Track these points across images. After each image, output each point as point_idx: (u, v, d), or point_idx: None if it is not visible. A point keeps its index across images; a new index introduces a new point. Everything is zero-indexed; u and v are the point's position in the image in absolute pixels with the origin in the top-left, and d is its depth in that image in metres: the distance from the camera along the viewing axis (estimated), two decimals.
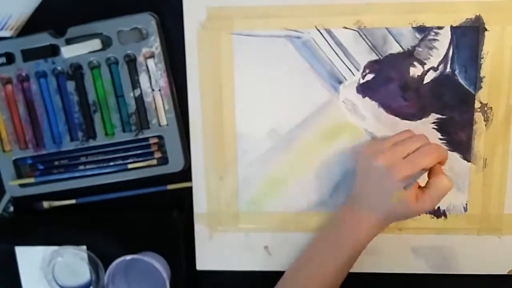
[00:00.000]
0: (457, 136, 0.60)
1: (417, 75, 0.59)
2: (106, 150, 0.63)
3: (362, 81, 0.60)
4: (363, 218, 0.56)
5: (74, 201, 0.65)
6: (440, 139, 0.60)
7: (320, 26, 0.59)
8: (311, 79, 0.60)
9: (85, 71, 0.62)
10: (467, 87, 0.59)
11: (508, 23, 0.57)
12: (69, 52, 0.61)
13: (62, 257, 0.64)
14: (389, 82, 0.60)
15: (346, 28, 0.59)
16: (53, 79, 0.62)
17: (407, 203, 0.53)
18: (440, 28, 0.58)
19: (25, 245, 0.65)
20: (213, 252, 0.64)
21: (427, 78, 0.59)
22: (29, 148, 0.63)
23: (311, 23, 0.59)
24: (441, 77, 0.59)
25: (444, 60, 0.59)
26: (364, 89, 0.60)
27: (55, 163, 0.64)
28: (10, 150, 0.64)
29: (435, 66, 0.59)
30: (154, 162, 0.62)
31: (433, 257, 0.62)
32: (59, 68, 0.62)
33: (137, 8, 0.60)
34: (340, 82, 0.60)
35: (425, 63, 0.59)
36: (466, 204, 0.61)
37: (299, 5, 0.59)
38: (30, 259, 0.65)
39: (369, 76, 0.60)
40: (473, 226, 0.61)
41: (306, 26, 0.59)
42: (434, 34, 0.58)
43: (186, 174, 0.63)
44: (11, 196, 0.66)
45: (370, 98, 0.60)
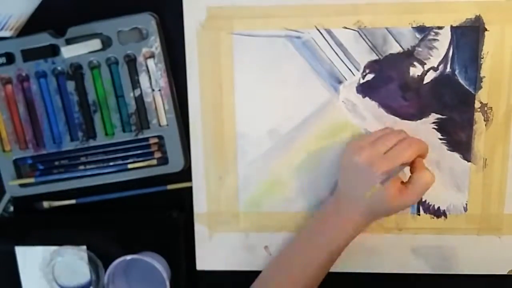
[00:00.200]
0: (457, 136, 0.60)
1: (417, 75, 0.59)
2: (106, 150, 0.63)
3: (362, 81, 0.60)
4: (344, 216, 0.56)
5: (74, 201, 0.65)
6: (440, 139, 0.60)
7: (320, 26, 0.59)
8: (311, 79, 0.60)
9: (85, 71, 0.62)
10: (467, 87, 0.59)
11: (508, 23, 0.57)
12: (69, 52, 0.61)
13: (62, 257, 0.64)
14: (389, 82, 0.60)
15: (346, 28, 0.59)
16: (53, 79, 0.62)
17: (388, 198, 0.53)
18: (440, 28, 0.58)
19: (25, 245, 0.65)
20: (213, 252, 0.64)
21: (427, 78, 0.59)
22: (29, 148, 0.63)
23: (311, 23, 0.59)
24: (441, 77, 0.59)
25: (444, 60, 0.59)
26: (364, 89, 0.60)
27: (55, 163, 0.64)
28: (10, 150, 0.64)
29: (435, 66, 0.59)
30: (154, 162, 0.62)
31: (433, 257, 0.62)
32: (59, 68, 0.62)
33: (137, 8, 0.60)
34: (340, 82, 0.60)
35: (425, 63, 0.59)
36: (466, 204, 0.61)
37: (299, 5, 0.59)
38: (30, 259, 0.65)
39: (369, 76, 0.60)
40: (473, 226, 0.61)
41: (306, 26, 0.59)
42: (434, 34, 0.58)
43: (186, 174, 0.63)
44: (11, 196, 0.66)
45: (370, 98, 0.60)
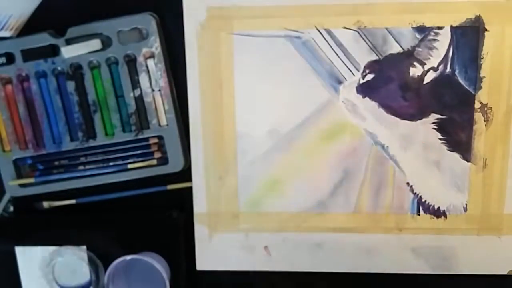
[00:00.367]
0: (457, 136, 0.60)
1: (417, 75, 0.59)
2: (106, 150, 0.63)
3: (362, 81, 0.60)
4: None
5: (74, 201, 0.65)
6: (440, 139, 0.60)
7: (320, 26, 0.59)
8: (311, 79, 0.60)
9: (85, 71, 0.62)
10: (467, 87, 0.59)
11: (508, 23, 0.57)
12: (69, 52, 0.61)
13: (62, 257, 0.64)
14: (389, 82, 0.60)
15: (346, 28, 0.59)
16: (53, 79, 0.62)
17: None
18: (440, 28, 0.58)
19: (25, 245, 0.65)
20: (213, 252, 0.64)
21: (427, 78, 0.59)
22: (29, 148, 0.63)
23: (311, 23, 0.59)
24: (441, 77, 0.59)
25: (444, 60, 0.59)
26: (364, 89, 0.60)
27: (55, 163, 0.64)
28: (10, 150, 0.64)
29: (435, 66, 0.59)
30: (154, 162, 0.62)
31: (433, 257, 0.62)
32: (59, 68, 0.62)
33: (137, 8, 0.60)
34: (340, 82, 0.60)
35: (425, 63, 0.59)
36: (466, 204, 0.61)
37: (299, 5, 0.59)
38: (30, 259, 0.65)
39: (369, 76, 0.60)
40: (473, 226, 0.61)
41: (306, 26, 0.59)
42: (434, 34, 0.58)
43: (186, 174, 0.63)
44: (11, 196, 0.66)
45: (370, 98, 0.60)
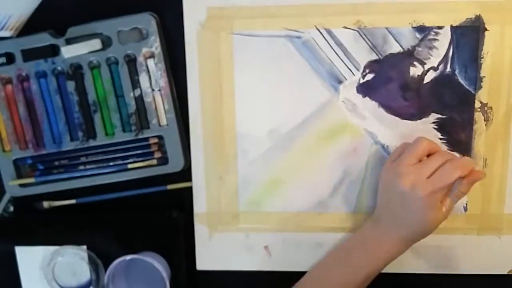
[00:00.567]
0: (457, 136, 0.60)
1: (417, 75, 0.59)
2: (106, 150, 0.63)
3: (362, 81, 0.60)
4: (384, 240, 0.56)
5: (74, 201, 0.65)
6: (440, 139, 0.60)
7: (320, 26, 0.59)
8: (311, 79, 0.60)
9: (85, 71, 0.62)
10: (467, 87, 0.59)
11: (508, 23, 0.57)
12: (69, 52, 0.61)
13: (62, 257, 0.64)
14: (389, 82, 0.60)
15: (346, 28, 0.59)
16: (53, 79, 0.62)
17: (430, 219, 0.54)
18: (440, 28, 0.58)
19: (25, 245, 0.65)
20: (213, 252, 0.64)
21: (427, 78, 0.59)
22: (29, 148, 0.63)
23: (311, 23, 0.59)
24: (441, 77, 0.59)
25: (444, 60, 0.59)
26: (364, 89, 0.60)
27: (55, 163, 0.64)
28: (10, 150, 0.64)
29: (435, 66, 0.59)
30: (154, 162, 0.62)
31: (433, 257, 0.62)
32: (59, 68, 0.62)
33: (137, 8, 0.60)
34: (340, 82, 0.60)
35: (425, 63, 0.59)
36: (466, 204, 0.61)
37: (299, 5, 0.59)
38: (30, 259, 0.65)
39: (369, 76, 0.60)
40: (473, 226, 0.61)
41: (306, 26, 0.59)
42: (434, 34, 0.58)
43: (186, 174, 0.63)
44: (11, 196, 0.66)
45: (370, 98, 0.60)
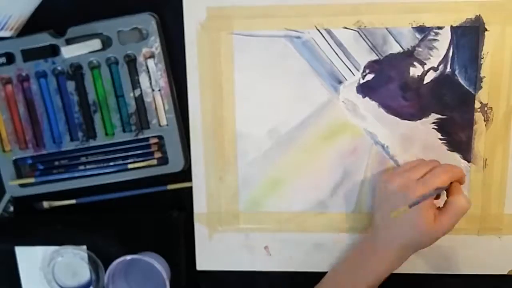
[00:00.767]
0: (457, 136, 0.60)
1: (417, 75, 0.59)
2: (106, 150, 0.63)
3: (362, 81, 0.60)
4: (382, 250, 0.56)
5: (74, 201, 0.65)
6: (440, 139, 0.60)
7: (320, 26, 0.59)
8: (311, 79, 0.60)
9: (85, 71, 0.62)
10: (467, 87, 0.59)
11: (508, 23, 0.57)
12: (69, 52, 0.61)
13: (62, 257, 0.64)
14: (389, 82, 0.60)
15: (346, 28, 0.59)
16: (53, 79, 0.62)
17: (422, 225, 0.53)
18: (440, 28, 0.58)
19: (25, 245, 0.65)
20: (213, 252, 0.64)
21: (427, 78, 0.59)
22: (29, 148, 0.63)
23: (311, 23, 0.59)
24: (441, 77, 0.59)
25: (444, 60, 0.59)
26: (364, 89, 0.60)
27: (55, 163, 0.64)
28: (10, 150, 0.64)
29: (435, 66, 0.59)
30: (154, 162, 0.62)
31: (433, 257, 0.62)
32: (59, 68, 0.62)
33: (137, 8, 0.60)
34: (340, 82, 0.60)
35: (425, 63, 0.59)
36: None
37: (299, 5, 0.59)
38: (30, 259, 0.65)
39: (369, 76, 0.60)
40: (473, 226, 0.61)
41: (306, 26, 0.59)
42: (434, 34, 0.58)
43: (186, 174, 0.63)
44: (11, 196, 0.65)
45: (370, 98, 0.60)
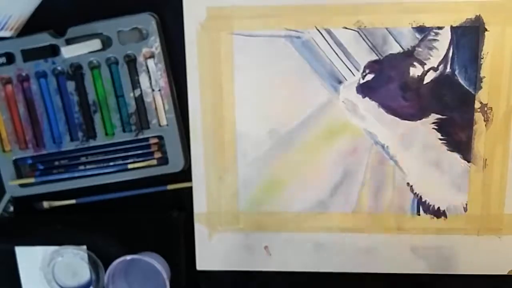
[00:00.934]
0: (457, 136, 0.60)
1: (417, 75, 0.59)
2: (106, 150, 0.63)
3: (362, 81, 0.60)
4: None
5: (74, 201, 0.65)
6: (440, 139, 0.60)
7: (320, 26, 0.59)
8: (311, 79, 0.60)
9: (85, 71, 0.62)
10: (467, 87, 0.59)
11: (508, 23, 0.57)
12: (69, 52, 0.61)
13: (62, 257, 0.64)
14: (389, 82, 0.60)
15: (346, 28, 0.59)
16: (53, 79, 0.62)
17: None
18: (440, 28, 0.58)
19: (25, 245, 0.65)
20: (213, 252, 0.64)
21: (427, 78, 0.59)
22: (29, 148, 0.63)
23: (311, 23, 0.59)
24: (441, 77, 0.59)
25: (444, 60, 0.59)
26: (364, 89, 0.60)
27: (55, 163, 0.64)
28: (10, 150, 0.64)
29: (435, 66, 0.59)
30: (154, 162, 0.62)
31: (433, 257, 0.62)
32: (59, 68, 0.62)
33: (137, 8, 0.60)
34: (340, 82, 0.60)
35: (425, 63, 0.59)
36: (466, 204, 0.61)
37: (299, 5, 0.59)
38: (30, 259, 0.65)
39: (369, 76, 0.60)
40: (473, 226, 0.61)
41: (306, 26, 0.59)
42: (434, 34, 0.58)
43: (186, 174, 0.63)
44: (11, 196, 0.65)
45: (370, 98, 0.60)
